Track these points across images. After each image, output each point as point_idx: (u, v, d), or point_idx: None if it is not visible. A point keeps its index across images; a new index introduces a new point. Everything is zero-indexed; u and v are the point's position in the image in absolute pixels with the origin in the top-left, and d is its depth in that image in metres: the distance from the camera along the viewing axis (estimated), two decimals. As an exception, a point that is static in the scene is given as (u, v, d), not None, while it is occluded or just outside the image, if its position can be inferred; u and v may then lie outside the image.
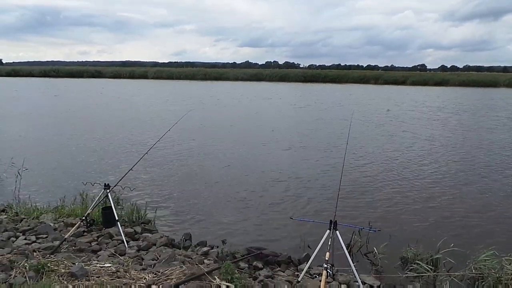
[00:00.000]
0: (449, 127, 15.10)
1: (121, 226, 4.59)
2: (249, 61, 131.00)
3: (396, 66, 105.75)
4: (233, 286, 3.19)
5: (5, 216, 5.22)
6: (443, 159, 9.79)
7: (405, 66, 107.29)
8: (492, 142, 12.04)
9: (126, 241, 4.50)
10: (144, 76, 55.77)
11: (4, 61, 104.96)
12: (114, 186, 4.93)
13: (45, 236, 4.52)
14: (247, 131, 14.00)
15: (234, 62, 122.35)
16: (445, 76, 50.65)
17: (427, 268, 4.06)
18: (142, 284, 3.14)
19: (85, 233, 4.72)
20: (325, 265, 3.32)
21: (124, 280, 3.22)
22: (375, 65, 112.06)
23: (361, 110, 19.52)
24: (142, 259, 4.01)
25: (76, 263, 3.45)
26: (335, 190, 5.04)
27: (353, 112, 17.12)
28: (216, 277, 3.33)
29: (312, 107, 21.79)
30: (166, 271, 3.44)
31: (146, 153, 5.72)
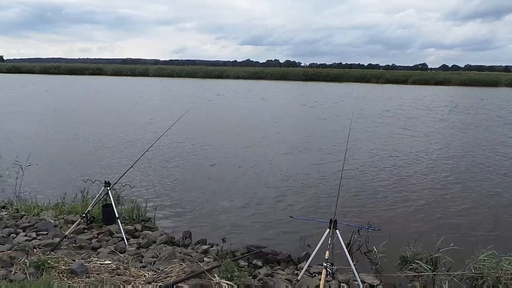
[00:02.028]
0: (450, 127, 15.08)
1: (121, 223, 4.59)
2: (250, 59, 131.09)
3: (397, 65, 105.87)
4: (233, 284, 3.19)
5: (6, 213, 5.23)
6: (443, 158, 9.78)
7: (406, 65, 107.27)
8: (492, 142, 12.03)
9: (126, 238, 4.50)
10: (145, 73, 55.73)
11: (5, 58, 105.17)
12: (115, 184, 4.93)
13: (45, 233, 4.52)
14: (249, 130, 13.99)
15: (235, 60, 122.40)
16: (446, 76, 50.65)
17: (427, 267, 4.06)
18: (142, 282, 3.15)
19: (85, 230, 4.72)
20: (325, 264, 3.33)
21: (124, 277, 3.23)
22: (376, 64, 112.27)
23: (361, 109, 19.51)
24: (142, 256, 4.02)
25: (76, 260, 3.46)
26: (335, 189, 5.06)
27: (353, 112, 17.10)
28: (216, 275, 3.34)
29: (313, 106, 21.77)
30: (166, 269, 3.45)
31: (147, 150, 5.73)
